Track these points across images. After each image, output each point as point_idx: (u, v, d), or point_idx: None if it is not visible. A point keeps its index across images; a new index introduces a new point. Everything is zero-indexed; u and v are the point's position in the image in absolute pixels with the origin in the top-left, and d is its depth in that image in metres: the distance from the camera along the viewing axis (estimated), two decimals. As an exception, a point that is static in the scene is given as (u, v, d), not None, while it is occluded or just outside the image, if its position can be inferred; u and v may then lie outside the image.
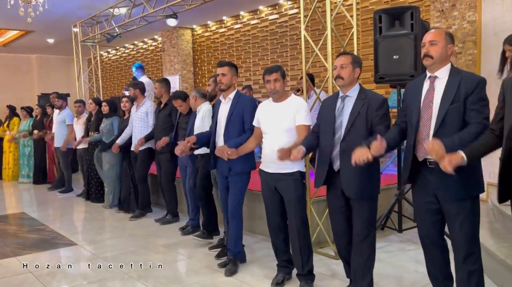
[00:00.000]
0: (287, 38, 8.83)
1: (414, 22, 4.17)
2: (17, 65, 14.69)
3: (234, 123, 3.66)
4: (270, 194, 3.37)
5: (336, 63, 2.97)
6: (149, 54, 12.91)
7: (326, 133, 2.98)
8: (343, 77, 2.92)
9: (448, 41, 2.53)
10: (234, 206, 3.69)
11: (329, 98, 3.17)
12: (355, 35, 4.21)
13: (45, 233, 5.23)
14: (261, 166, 3.41)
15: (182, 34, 11.13)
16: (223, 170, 3.75)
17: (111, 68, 14.88)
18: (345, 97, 2.96)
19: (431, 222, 2.59)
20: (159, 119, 5.39)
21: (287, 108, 3.28)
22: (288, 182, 3.24)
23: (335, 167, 2.92)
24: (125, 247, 4.62)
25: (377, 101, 2.86)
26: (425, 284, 3.30)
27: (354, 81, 2.96)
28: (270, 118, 3.35)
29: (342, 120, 2.91)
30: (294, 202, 3.24)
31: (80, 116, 7.32)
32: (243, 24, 9.82)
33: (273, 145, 3.20)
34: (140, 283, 3.61)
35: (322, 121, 3.07)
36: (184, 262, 4.17)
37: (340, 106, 2.96)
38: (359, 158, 2.53)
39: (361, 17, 7.20)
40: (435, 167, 2.42)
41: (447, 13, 5.64)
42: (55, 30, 10.85)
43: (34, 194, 7.93)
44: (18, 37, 11.91)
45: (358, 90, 2.96)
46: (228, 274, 3.68)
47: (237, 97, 3.73)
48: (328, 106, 3.06)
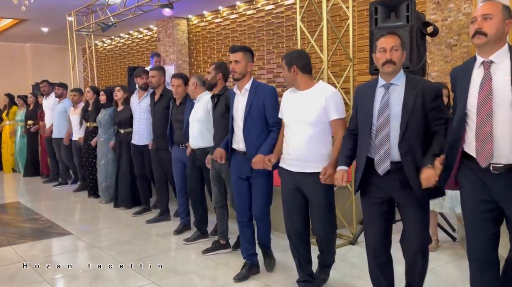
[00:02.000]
0: (283, 28, 8.81)
1: (409, 14, 4.16)
2: (11, 54, 14.57)
3: (254, 117, 3.22)
4: (292, 196, 2.97)
5: (382, 44, 2.45)
6: (144, 44, 12.84)
7: (365, 130, 2.52)
8: (396, 62, 2.43)
9: (506, 16, 2.11)
10: (262, 210, 3.36)
11: (365, 87, 2.65)
12: (350, 26, 4.21)
13: (40, 223, 5.24)
14: (282, 163, 3.02)
15: (178, 24, 11.06)
16: (242, 171, 3.35)
17: (106, 57, 14.79)
18: (390, 86, 2.46)
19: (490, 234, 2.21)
20: (156, 112, 4.94)
21: (313, 96, 2.85)
22: (315, 184, 2.81)
23: (381, 170, 2.46)
24: (120, 236, 4.64)
25: (433, 91, 2.43)
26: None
27: (400, 67, 2.50)
28: (292, 108, 2.93)
29: (389, 114, 2.42)
30: (323, 207, 2.88)
31: (77, 106, 6.93)
32: (239, 15, 9.77)
33: (297, 140, 2.87)
34: (134, 272, 3.64)
35: (360, 115, 2.59)
36: (179, 252, 4.19)
37: (384, 97, 2.45)
38: (428, 182, 2.25)
39: (358, 8, 7.19)
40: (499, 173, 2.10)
41: (443, 5, 5.65)
42: (50, 19, 10.75)
43: (29, 185, 7.91)
44: (12, 25, 11.80)
45: (404, 77, 2.48)
46: (236, 279, 3.40)
47: (254, 87, 3.27)
48: (365, 96, 2.56)
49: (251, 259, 3.51)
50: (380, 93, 2.48)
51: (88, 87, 6.71)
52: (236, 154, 3.39)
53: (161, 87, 5.00)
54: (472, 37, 2.14)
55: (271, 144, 3.15)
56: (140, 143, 5.30)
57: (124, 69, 12.67)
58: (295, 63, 2.88)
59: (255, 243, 3.55)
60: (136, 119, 5.33)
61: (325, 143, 2.84)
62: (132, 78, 8.29)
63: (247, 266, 3.49)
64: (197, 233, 4.40)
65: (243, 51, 3.28)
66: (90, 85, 9.51)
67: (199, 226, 4.41)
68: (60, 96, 7.41)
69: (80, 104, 6.92)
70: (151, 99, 5.09)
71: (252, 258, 3.52)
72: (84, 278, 3.57)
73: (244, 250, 3.53)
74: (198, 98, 4.21)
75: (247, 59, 3.29)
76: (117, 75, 14.26)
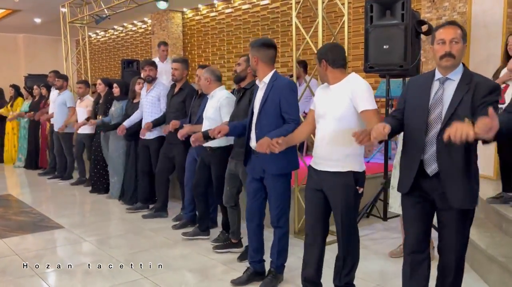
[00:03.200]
0: (278, 24, 8.79)
1: (405, 12, 4.18)
2: (3, 45, 14.44)
3: (268, 113, 3.03)
4: (313, 195, 2.79)
5: (441, 35, 2.27)
6: (138, 37, 12.77)
7: (415, 126, 2.34)
8: (455, 55, 2.25)
9: None
10: (276, 216, 3.13)
11: (420, 78, 2.49)
12: (346, 23, 4.21)
13: (31, 216, 5.22)
14: (311, 162, 2.84)
15: (172, 17, 11.01)
16: (255, 170, 3.15)
17: (99, 50, 14.69)
18: (446, 80, 2.31)
19: None
20: (171, 105, 4.78)
21: (341, 89, 2.68)
22: (336, 185, 2.66)
23: (430, 170, 2.30)
24: (113, 231, 4.63)
25: (488, 86, 2.23)
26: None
27: (460, 61, 2.32)
28: (321, 104, 2.76)
29: (442, 111, 2.26)
30: (342, 211, 2.68)
31: (82, 98, 6.69)
32: (234, 9, 9.74)
33: (323, 137, 2.71)
34: (127, 267, 3.63)
35: (409, 109, 2.40)
36: (171, 247, 4.19)
37: (438, 92, 2.31)
38: (456, 133, 1.90)
39: (353, 5, 7.19)
40: None
41: (438, 4, 5.66)
42: (43, 10, 10.66)
43: (26, 177, 7.84)
44: (4, 16, 11.69)
45: (462, 72, 2.30)
46: (234, 283, 3.26)
47: (272, 81, 3.08)
48: (419, 90, 2.38)
49: (254, 265, 3.34)
50: (435, 88, 2.33)
51: (99, 79, 6.46)
52: (251, 153, 3.18)
53: (183, 81, 4.79)
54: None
55: (282, 132, 2.88)
56: (145, 137, 5.11)
57: (118, 61, 12.60)
58: (324, 57, 2.74)
59: (262, 251, 3.37)
60: (143, 113, 5.17)
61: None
62: (125, 70, 8.28)
63: (248, 271, 3.33)
64: (196, 230, 4.32)
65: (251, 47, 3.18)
66: (83, 77, 9.45)
67: (200, 222, 4.33)
68: (60, 88, 7.19)
69: (86, 96, 6.73)
70: (170, 91, 4.92)
71: (255, 265, 3.34)
72: (75, 272, 3.56)
73: (249, 256, 3.39)
74: (212, 94, 3.99)
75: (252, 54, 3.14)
76: (110, 67, 14.18)
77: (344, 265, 2.80)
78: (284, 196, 3.14)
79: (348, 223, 2.72)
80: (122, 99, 5.73)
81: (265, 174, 3.09)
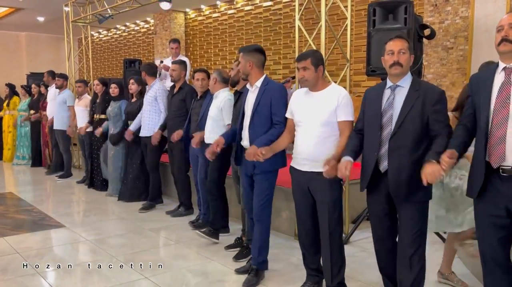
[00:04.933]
0: (281, 25, 8.81)
1: (407, 16, 4.19)
2: (5, 42, 14.44)
3: (261, 115, 3.21)
4: (302, 195, 2.97)
5: (391, 47, 2.53)
6: (141, 36, 12.78)
7: (371, 129, 2.60)
8: (403, 64, 2.50)
9: None
10: (259, 208, 3.27)
11: (374, 89, 2.74)
12: (348, 26, 4.22)
13: (32, 214, 5.23)
14: (293, 163, 3.01)
15: (175, 17, 11.03)
16: (247, 168, 3.33)
17: (101, 49, 14.71)
18: (396, 87, 2.55)
19: (498, 238, 2.26)
20: (172, 104, 4.97)
21: (326, 98, 2.85)
22: (323, 182, 2.80)
23: (382, 167, 2.55)
24: (113, 230, 4.64)
25: (434, 94, 2.48)
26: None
27: (408, 70, 2.56)
28: (305, 108, 2.91)
29: (392, 114, 2.52)
30: (329, 206, 2.85)
31: (81, 97, 6.78)
32: (237, 10, 9.75)
33: (307, 140, 2.87)
34: (127, 266, 3.65)
35: (366, 115, 2.68)
36: (171, 247, 4.21)
37: (389, 97, 2.55)
38: (432, 178, 2.23)
39: (355, 7, 7.20)
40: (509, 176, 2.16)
41: (440, 8, 5.68)
42: (46, 9, 10.68)
43: (27, 176, 7.87)
44: (7, 14, 11.70)
45: (411, 79, 2.55)
46: (245, 286, 3.24)
47: (264, 85, 3.25)
48: (373, 98, 2.65)
49: (259, 264, 3.34)
50: (386, 95, 2.58)
51: (96, 79, 6.54)
52: (244, 151, 3.32)
53: (182, 81, 5.01)
54: (498, 45, 2.22)
55: (268, 139, 3.10)
56: (145, 135, 5.30)
57: (120, 61, 12.61)
58: (321, 63, 2.88)
59: None
60: (143, 111, 5.35)
61: (334, 144, 2.83)
62: (127, 70, 8.30)
63: (254, 271, 3.31)
64: (208, 229, 4.15)
65: (241, 52, 3.33)
66: (85, 76, 9.47)
67: (213, 222, 4.20)
68: (60, 87, 7.28)
69: (84, 95, 6.79)
70: (170, 91, 5.13)
71: (261, 264, 3.36)
72: (76, 271, 3.57)
73: (252, 252, 3.39)
74: (216, 95, 4.15)
75: (247, 59, 3.27)
76: (112, 66, 14.19)
77: (333, 265, 2.91)
78: (269, 191, 3.30)
79: (335, 220, 2.88)
80: (118, 99, 5.88)
81: (255, 171, 3.26)
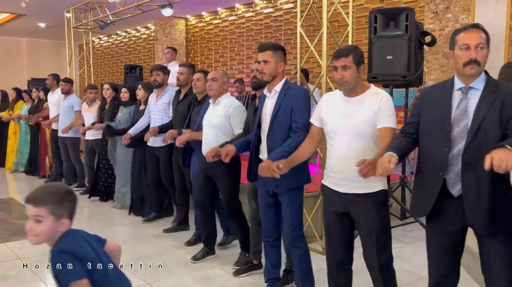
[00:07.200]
0: (282, 32, 8.85)
1: (408, 24, 4.23)
2: (6, 48, 14.49)
3: (281, 122, 2.81)
4: (337, 220, 2.49)
5: (464, 40, 2.02)
6: (142, 43, 12.83)
7: (433, 143, 2.09)
8: (480, 62, 2.02)
9: None
10: (293, 232, 2.87)
11: (434, 90, 2.21)
12: (350, 33, 4.24)
13: (33, 220, 5.21)
14: (325, 181, 2.56)
15: (176, 23, 11.08)
16: (267, 184, 2.90)
17: (102, 55, 14.76)
18: (469, 90, 2.05)
19: None
20: (178, 112, 4.54)
21: (367, 104, 2.37)
22: (367, 206, 2.37)
23: (454, 191, 2.06)
24: (114, 236, 4.63)
25: None
26: (410, 282, 3.39)
27: (483, 69, 2.09)
28: (341, 117, 2.43)
29: (468, 124, 2.01)
30: (378, 233, 2.38)
31: (92, 104, 6.48)
32: (238, 17, 9.80)
33: (344, 154, 2.40)
34: (128, 272, 3.63)
35: (425, 123, 2.15)
36: (173, 253, 4.20)
37: (461, 102, 2.05)
38: (501, 163, 1.66)
39: (356, 14, 7.24)
40: None
41: (441, 15, 5.71)
42: (47, 15, 10.73)
43: (27, 182, 7.81)
44: (8, 20, 11.75)
45: (485, 79, 2.06)
46: None
47: (285, 89, 2.86)
48: (435, 101, 2.12)
49: (273, 283, 3.16)
50: (456, 98, 2.08)
51: (107, 83, 6.22)
52: None
53: (188, 86, 4.52)
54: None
55: (285, 150, 2.69)
56: (155, 145, 4.84)
57: (121, 67, 12.65)
58: (363, 62, 2.41)
59: (279, 266, 3.20)
60: (151, 119, 4.92)
61: None
62: (128, 76, 8.31)
63: None
64: (204, 250, 3.96)
65: (273, 50, 2.88)
66: (86, 82, 9.47)
67: (206, 242, 3.98)
68: (67, 92, 6.97)
69: (95, 102, 6.54)
70: (175, 97, 4.68)
71: (274, 283, 3.16)
72: (78, 278, 3.56)
73: (266, 273, 3.18)
74: (218, 101, 3.69)
75: (278, 58, 2.90)
76: (113, 72, 14.23)
77: None
78: (300, 212, 2.93)
79: (387, 252, 2.44)
80: (129, 105, 5.53)
81: (279, 189, 2.86)
